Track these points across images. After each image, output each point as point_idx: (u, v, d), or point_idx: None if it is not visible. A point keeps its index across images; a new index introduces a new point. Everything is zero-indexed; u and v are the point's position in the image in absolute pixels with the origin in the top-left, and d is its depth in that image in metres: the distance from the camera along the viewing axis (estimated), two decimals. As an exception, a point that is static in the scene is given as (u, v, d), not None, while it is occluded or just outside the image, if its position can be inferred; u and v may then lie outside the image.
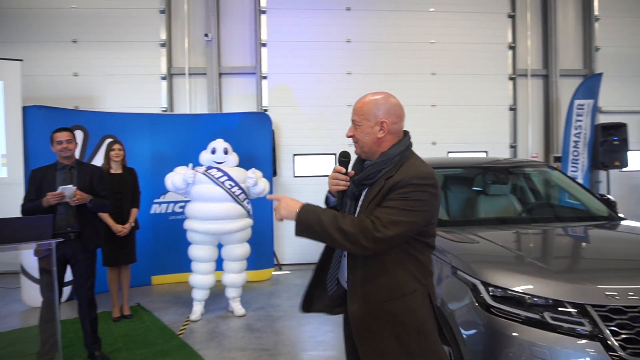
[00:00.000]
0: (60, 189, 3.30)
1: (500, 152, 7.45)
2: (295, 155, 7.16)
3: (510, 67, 7.59)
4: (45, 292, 3.36)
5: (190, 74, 7.21)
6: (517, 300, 2.16)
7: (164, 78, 7.11)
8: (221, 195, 4.40)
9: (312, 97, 7.23)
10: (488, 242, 2.71)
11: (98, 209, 3.59)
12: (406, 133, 1.82)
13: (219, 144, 4.73)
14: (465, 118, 7.40)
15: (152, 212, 5.97)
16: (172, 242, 5.92)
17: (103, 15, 7.00)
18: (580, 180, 6.72)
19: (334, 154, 7.21)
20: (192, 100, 7.28)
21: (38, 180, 3.47)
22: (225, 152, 4.69)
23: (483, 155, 7.34)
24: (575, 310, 2.05)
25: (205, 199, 4.43)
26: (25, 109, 5.23)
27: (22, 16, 6.91)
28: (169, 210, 6.07)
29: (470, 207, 3.81)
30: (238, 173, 4.58)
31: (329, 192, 1.91)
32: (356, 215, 1.75)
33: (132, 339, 4.13)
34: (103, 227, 4.51)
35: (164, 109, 7.09)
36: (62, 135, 3.52)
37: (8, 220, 2.99)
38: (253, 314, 4.79)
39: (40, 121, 5.18)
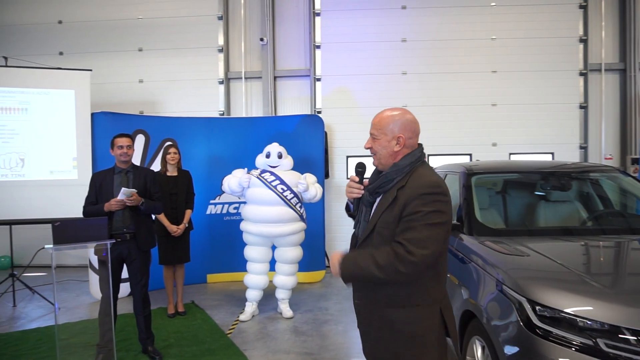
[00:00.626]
0: (122, 190, 3.49)
1: (569, 153, 6.93)
2: (348, 156, 7.12)
3: (581, 62, 7.04)
4: (103, 288, 3.57)
5: (246, 78, 7.39)
6: (567, 323, 1.97)
7: (221, 82, 7.35)
8: (273, 198, 4.46)
9: (366, 98, 7.14)
10: (540, 255, 2.50)
11: (150, 211, 3.76)
12: (419, 146, 1.89)
13: (274, 148, 4.79)
14: (529, 117, 6.96)
15: (208, 212, 6.17)
16: (226, 242, 6.10)
17: (166, 24, 7.35)
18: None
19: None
20: (248, 103, 7.46)
21: (98, 183, 3.70)
22: (280, 157, 4.73)
23: (549, 157, 6.87)
24: (636, 338, 1.83)
25: (259, 202, 4.52)
26: (93, 115, 5.61)
27: (90, 28, 7.43)
28: (224, 211, 6.25)
29: (530, 215, 3.55)
30: (291, 177, 4.62)
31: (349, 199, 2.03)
32: (370, 219, 1.86)
33: (183, 335, 4.29)
34: (159, 228, 4.75)
35: (222, 112, 7.32)
36: (123, 141, 3.72)
37: (69, 221, 3.21)
38: (301, 316, 4.80)
39: (107, 126, 5.53)
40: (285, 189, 4.51)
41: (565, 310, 1.99)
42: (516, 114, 6.98)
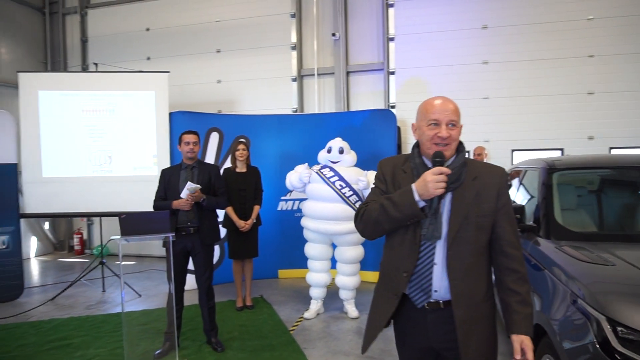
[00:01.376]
0: (187, 185, 3.60)
1: (684, 147, 5.98)
2: (423, 152, 6.77)
3: (700, 40, 6.03)
4: (169, 279, 3.72)
5: (319, 74, 7.36)
6: (656, 349, 1.62)
7: (294, 80, 7.39)
8: (331, 195, 4.35)
9: (443, 90, 6.73)
10: (628, 265, 2.12)
11: (213, 206, 3.84)
12: None
13: (336, 143, 4.68)
14: (632, 107, 6.11)
15: (279, 208, 6.24)
16: (297, 238, 6.05)
17: (242, 25, 7.57)
18: None
19: (468, 151, 6.61)
20: (321, 99, 7.42)
21: (167, 178, 3.86)
22: (341, 152, 4.61)
23: (658, 151, 5.98)
24: None
25: (317, 198, 4.44)
26: (171, 115, 5.92)
27: (174, 33, 7.88)
28: (295, 208, 6.27)
29: (624, 218, 3.07)
30: (351, 173, 4.47)
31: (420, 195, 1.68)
32: (447, 214, 1.73)
33: (247, 329, 4.35)
34: (228, 223, 4.86)
35: (295, 109, 7.37)
36: (190, 137, 3.85)
37: (134, 215, 3.37)
38: (366, 317, 4.63)
39: (184, 125, 5.76)
40: (344, 185, 4.37)
41: (655, 333, 1.64)
42: (616, 102, 6.16)
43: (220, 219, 4.89)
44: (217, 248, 5.85)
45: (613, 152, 6.21)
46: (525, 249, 2.88)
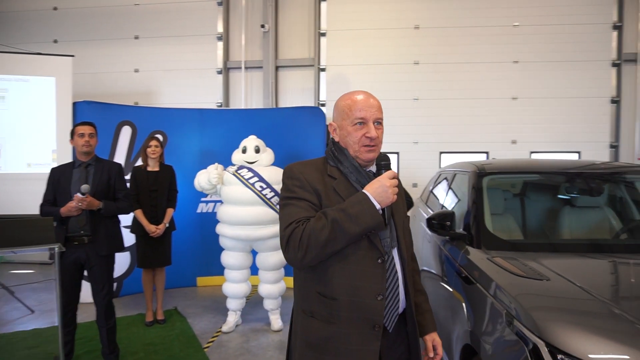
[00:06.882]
0: (82, 188, 3.06)
1: (597, 152, 6.27)
2: (353, 153, 6.58)
3: (614, 52, 6.35)
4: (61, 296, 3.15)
5: (246, 68, 6.94)
6: (599, 382, 1.43)
7: (220, 72, 6.91)
8: (251, 198, 3.97)
9: (374, 90, 6.41)
10: (563, 279, 1.96)
11: (113, 213, 3.32)
12: None
13: (251, 141, 4.30)
14: (553, 112, 6.32)
15: (199, 211, 5.75)
16: (218, 243, 5.63)
17: (163, 10, 6.96)
18: None
19: (397, 153, 6.53)
20: (248, 94, 7.00)
21: (56, 178, 3.28)
22: (257, 151, 4.24)
23: (575, 156, 6.22)
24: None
25: (235, 201, 4.04)
26: (75, 105, 5.23)
27: (86, 15, 7.08)
28: (216, 210, 5.78)
29: (551, 226, 2.97)
30: (272, 173, 4.12)
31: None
32: (395, 222, 1.59)
33: (156, 348, 3.85)
34: (137, 228, 4.33)
35: (219, 104, 6.89)
36: (85, 129, 3.32)
37: (7, 221, 2.78)
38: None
39: (90, 117, 5.03)
40: (265, 186, 4.01)
41: (598, 363, 1.45)
42: (539, 108, 6.34)
43: (128, 223, 4.34)
44: (126, 255, 5.25)
45: (533, 156, 6.39)
46: (455, 259, 2.69)
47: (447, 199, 3.73)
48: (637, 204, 3.07)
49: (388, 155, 1.62)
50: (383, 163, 1.55)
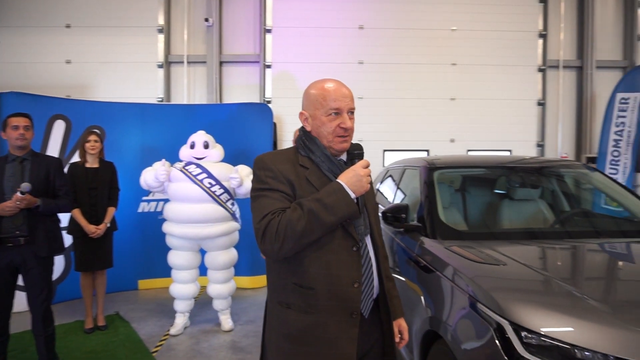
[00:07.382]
0: (22, 186, 2.80)
1: (526, 151, 6.77)
2: (300, 150, 6.60)
3: (540, 58, 6.88)
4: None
5: (189, 62, 6.73)
6: (561, 354, 1.55)
7: (160, 66, 6.64)
8: (200, 195, 3.85)
9: (320, 89, 6.63)
10: (518, 264, 2.09)
11: (52, 212, 3.08)
12: None
13: (199, 137, 4.17)
14: (487, 113, 6.73)
15: (140, 210, 5.48)
16: (161, 244, 5.34)
17: (98, -2, 6.56)
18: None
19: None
20: (191, 90, 6.79)
21: (-14, 174, 2.98)
22: (206, 146, 4.12)
23: (506, 154, 6.66)
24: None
25: (182, 199, 3.89)
26: (1, 96, 4.78)
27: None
28: (159, 209, 5.55)
29: (492, 216, 3.16)
30: (221, 170, 4.02)
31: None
32: (370, 212, 1.66)
33: (99, 356, 3.62)
34: (75, 228, 4.05)
35: (160, 99, 6.62)
36: (19, 120, 3.07)
37: None
38: (241, 328, 4.24)
39: (19, 109, 4.66)
40: (214, 183, 3.90)
41: (560, 337, 1.56)
42: (475, 109, 6.73)
43: (65, 223, 4.05)
44: (61, 258, 4.89)
45: (470, 154, 6.75)
46: (412, 250, 2.78)
47: (396, 195, 3.84)
48: (567, 195, 3.35)
49: (360, 144, 1.65)
50: (356, 152, 1.58)
